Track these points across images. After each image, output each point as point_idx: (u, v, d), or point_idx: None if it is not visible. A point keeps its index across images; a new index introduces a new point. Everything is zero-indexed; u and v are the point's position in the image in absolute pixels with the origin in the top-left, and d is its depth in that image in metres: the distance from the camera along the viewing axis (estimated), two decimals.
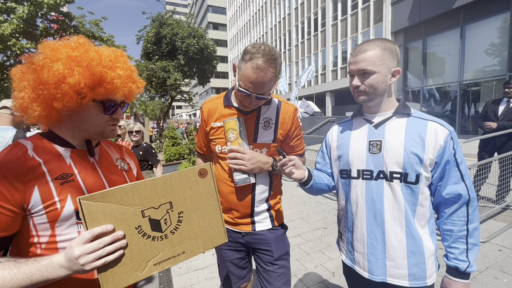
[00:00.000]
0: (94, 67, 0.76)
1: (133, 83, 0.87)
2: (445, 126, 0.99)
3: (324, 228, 3.49)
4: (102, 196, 0.66)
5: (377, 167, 1.02)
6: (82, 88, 0.75)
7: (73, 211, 0.76)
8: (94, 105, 0.80)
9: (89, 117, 0.82)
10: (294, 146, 1.35)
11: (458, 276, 0.97)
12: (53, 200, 0.73)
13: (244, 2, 39.32)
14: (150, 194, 0.73)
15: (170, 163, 6.15)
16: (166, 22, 14.27)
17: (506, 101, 3.84)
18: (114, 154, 0.98)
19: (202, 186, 0.83)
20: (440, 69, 12.72)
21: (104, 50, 0.82)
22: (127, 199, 0.69)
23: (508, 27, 9.91)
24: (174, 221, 0.77)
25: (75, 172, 0.80)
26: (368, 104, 1.07)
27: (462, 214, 0.97)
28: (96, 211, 0.65)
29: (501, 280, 2.26)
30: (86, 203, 0.64)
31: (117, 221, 0.68)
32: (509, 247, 2.77)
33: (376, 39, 1.02)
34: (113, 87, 0.79)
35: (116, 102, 0.85)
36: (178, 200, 0.78)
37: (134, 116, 15.06)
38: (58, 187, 0.74)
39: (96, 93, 0.78)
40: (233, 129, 1.18)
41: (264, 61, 1.04)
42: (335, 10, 20.70)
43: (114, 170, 0.93)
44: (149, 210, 0.73)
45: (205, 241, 0.84)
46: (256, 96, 1.10)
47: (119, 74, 0.81)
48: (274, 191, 1.32)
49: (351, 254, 1.14)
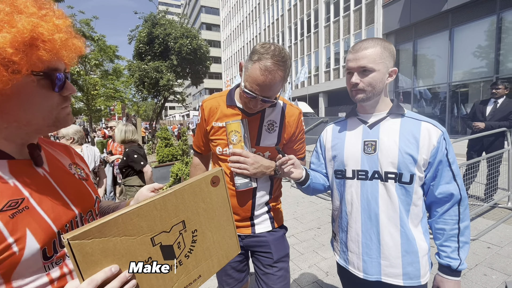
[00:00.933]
0: (17, 16, 0.49)
1: (76, 38, 0.60)
2: (438, 126, 1.00)
3: (318, 228, 3.51)
4: (100, 230, 0.50)
5: (372, 167, 1.02)
6: (12, 55, 0.48)
7: (39, 251, 0.54)
8: (36, 81, 0.54)
9: (32, 101, 0.55)
10: (296, 150, 1.33)
11: (450, 274, 0.99)
12: (6, 243, 0.50)
13: (238, 3, 39.31)
14: (160, 215, 0.60)
15: (163, 164, 6.09)
16: (159, 22, 14.14)
17: (493, 102, 3.94)
18: (64, 159, 0.73)
19: (215, 196, 0.73)
20: (430, 71, 12.98)
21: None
22: (133, 227, 0.55)
23: (495, 30, 10.19)
24: (188, 242, 0.66)
25: (26, 195, 0.55)
26: (364, 104, 1.07)
27: (454, 213, 0.99)
28: (94, 251, 0.49)
29: (490, 277, 2.31)
30: (79, 243, 0.47)
31: (122, 258, 0.53)
32: (497, 244, 2.84)
33: (375, 38, 1.02)
34: (55, 46, 0.53)
35: (61, 71, 0.59)
36: (192, 217, 0.67)
37: (126, 117, 14.86)
38: (9, 222, 0.51)
39: (33, 61, 0.51)
40: (236, 132, 1.13)
41: (273, 63, 0.98)
42: (327, 12, 20.89)
43: (72, 182, 0.69)
44: (160, 235, 0.60)
45: (220, 258, 0.75)
46: (262, 99, 1.05)
47: (57, 24, 0.55)
48: (274, 194, 1.30)
49: (345, 255, 1.14)
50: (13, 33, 0.48)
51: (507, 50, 9.99)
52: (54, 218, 0.58)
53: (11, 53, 0.48)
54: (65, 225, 0.61)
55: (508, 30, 9.91)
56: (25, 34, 0.49)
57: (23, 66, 0.50)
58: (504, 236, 3.00)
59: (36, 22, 0.51)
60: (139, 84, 13.89)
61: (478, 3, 10.50)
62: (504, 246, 2.78)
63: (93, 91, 15.72)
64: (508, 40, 9.94)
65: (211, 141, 1.27)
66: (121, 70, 18.07)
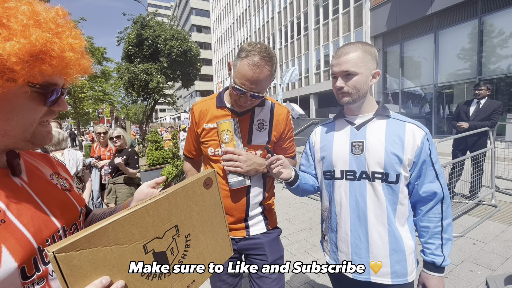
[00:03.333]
0: (33, 29, 0.49)
1: (85, 58, 0.61)
2: (421, 127, 1.03)
3: (310, 229, 3.53)
4: (89, 240, 0.46)
5: (360, 167, 1.04)
6: (13, 64, 0.47)
7: (16, 269, 0.49)
8: (30, 92, 0.52)
9: (18, 112, 0.52)
10: (286, 148, 1.35)
11: (434, 271, 1.01)
12: None
13: (228, 5, 39.36)
14: (152, 221, 0.57)
15: (153, 168, 6.00)
16: (148, 24, 14.00)
17: (476, 102, 4.08)
18: (45, 169, 0.69)
19: (208, 198, 0.72)
20: (417, 72, 13.32)
21: (38, 4, 0.53)
22: (124, 235, 0.52)
23: (477, 33, 10.56)
24: (181, 248, 0.64)
25: (2, 208, 0.51)
26: (350, 106, 1.10)
27: (437, 211, 1.02)
28: (82, 264, 0.46)
29: (475, 273, 2.38)
30: (66, 256, 0.44)
31: (113, 268, 0.50)
32: (482, 240, 2.93)
33: (356, 42, 1.05)
34: (62, 63, 0.53)
35: (58, 87, 0.57)
36: (185, 221, 0.64)
37: (115, 120, 14.60)
38: None
39: (34, 73, 0.50)
40: (227, 130, 1.15)
41: (260, 58, 1.02)
42: (317, 14, 21.17)
43: (54, 192, 0.65)
44: (153, 242, 0.57)
45: (214, 261, 0.74)
46: (252, 94, 1.08)
47: (71, 43, 0.55)
48: (268, 194, 1.30)
49: (335, 255, 1.15)
50: (23, 44, 0.47)
51: (489, 53, 10.37)
52: (34, 233, 0.54)
53: (14, 62, 0.47)
54: (46, 240, 0.56)
55: (489, 33, 10.29)
56: (36, 47, 0.49)
57: (21, 76, 0.49)
58: (488, 232, 3.10)
59: (50, 38, 0.51)
60: (128, 86, 13.69)
61: (461, 7, 10.87)
62: (489, 242, 2.87)
63: (80, 94, 15.36)
64: (489, 42, 10.33)
65: (202, 144, 1.27)
66: (109, 72, 17.77)
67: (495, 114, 3.89)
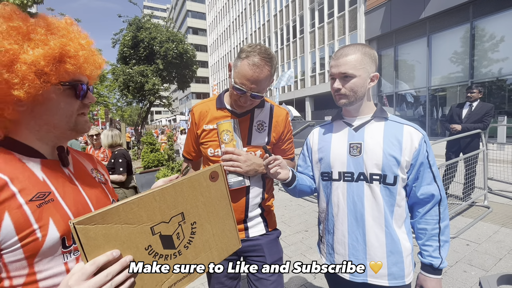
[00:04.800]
0: (50, 37, 0.61)
1: (97, 56, 0.74)
2: (419, 130, 1.04)
3: (305, 231, 3.53)
4: (103, 217, 0.54)
5: (358, 169, 1.05)
6: (44, 67, 0.59)
7: (59, 239, 0.61)
8: (63, 90, 0.65)
9: (57, 107, 0.66)
10: (285, 150, 1.36)
11: (432, 273, 1.02)
12: (31, 228, 0.57)
13: (224, 8, 39.47)
14: (159, 207, 0.63)
15: (148, 170, 5.95)
16: (144, 26, 13.95)
17: (469, 105, 4.15)
18: (87, 165, 0.84)
19: (214, 190, 0.76)
20: (411, 75, 13.49)
21: (50, 17, 0.67)
22: (133, 216, 0.59)
23: (469, 37, 10.76)
24: (187, 234, 0.69)
25: (53, 190, 0.64)
26: (348, 108, 1.10)
27: (434, 213, 1.02)
28: (97, 236, 0.53)
29: (469, 273, 2.41)
30: (84, 228, 0.52)
31: (123, 244, 0.57)
32: (475, 241, 2.96)
33: (357, 44, 1.05)
34: (79, 61, 0.66)
35: (84, 83, 0.71)
36: (190, 209, 0.70)
37: (110, 122, 14.46)
38: (36, 211, 0.59)
39: (61, 73, 0.63)
40: (227, 131, 1.16)
41: (260, 59, 1.05)
42: (312, 18, 21.35)
43: (93, 183, 0.78)
44: (160, 225, 0.63)
45: (220, 251, 0.77)
46: (252, 94, 1.09)
47: (82, 44, 0.68)
48: (267, 195, 1.30)
49: (331, 257, 1.15)
50: (46, 50, 0.60)
51: (481, 56, 10.56)
52: (74, 212, 0.66)
53: (43, 65, 0.60)
54: None
55: (481, 37, 10.49)
56: (56, 50, 0.61)
57: (52, 76, 0.62)
58: (481, 233, 3.14)
59: (65, 42, 0.64)
60: (123, 88, 13.59)
61: (453, 11, 11.07)
62: (482, 243, 2.91)
63: None
64: (481, 46, 10.52)
65: (202, 144, 1.28)
66: (104, 74, 17.63)
67: (487, 116, 3.96)
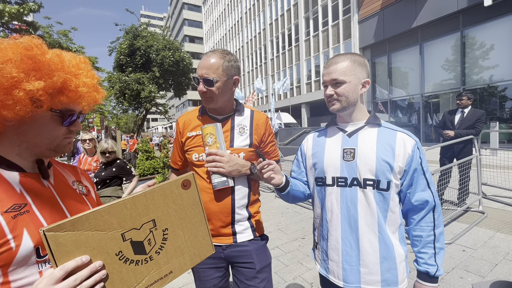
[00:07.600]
0: (56, 72, 0.67)
1: (97, 92, 0.79)
2: (412, 136, 1.05)
3: (302, 238, 3.51)
4: (73, 224, 0.56)
5: (351, 174, 1.05)
6: (41, 95, 0.65)
7: (33, 249, 0.63)
8: (51, 115, 0.70)
9: (43, 129, 0.70)
10: (269, 152, 1.40)
11: (428, 280, 1.02)
12: (5, 239, 0.59)
13: (220, 17, 40.02)
14: (130, 214, 0.65)
15: (143, 178, 5.89)
16: (140, 34, 14.06)
17: (461, 111, 4.22)
18: (69, 177, 0.86)
19: (186, 198, 0.78)
20: (404, 83, 13.72)
21: (66, 54, 0.74)
22: (104, 224, 0.61)
23: (460, 45, 11.03)
24: (158, 240, 0.71)
25: (29, 201, 0.67)
26: (341, 114, 1.12)
27: (429, 220, 1.03)
28: (67, 243, 0.55)
29: (465, 279, 2.40)
30: (53, 235, 0.53)
31: (93, 250, 0.59)
32: (471, 247, 2.97)
33: (347, 53, 1.09)
34: (76, 95, 0.71)
35: (75, 112, 0.75)
36: (162, 216, 0.72)
37: (106, 130, 14.36)
38: (10, 222, 0.61)
39: (55, 102, 0.68)
40: (211, 134, 1.21)
41: (212, 51, 1.20)
42: (307, 26, 21.73)
43: (73, 195, 0.81)
44: (130, 232, 0.65)
45: (193, 256, 0.79)
46: (203, 79, 1.18)
47: (84, 81, 0.73)
48: (253, 197, 1.32)
49: (325, 263, 1.15)
50: (48, 82, 0.65)
51: (472, 64, 10.81)
52: (49, 223, 0.67)
53: (40, 94, 0.65)
54: None
55: (471, 45, 10.76)
56: (57, 84, 0.67)
57: (45, 104, 0.67)
58: (477, 238, 3.15)
59: (68, 78, 0.69)
60: (119, 96, 13.58)
61: (444, 20, 11.37)
62: (478, 249, 2.91)
63: None
64: (472, 54, 10.78)
65: (187, 152, 1.32)
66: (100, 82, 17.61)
67: (478, 122, 4.02)
